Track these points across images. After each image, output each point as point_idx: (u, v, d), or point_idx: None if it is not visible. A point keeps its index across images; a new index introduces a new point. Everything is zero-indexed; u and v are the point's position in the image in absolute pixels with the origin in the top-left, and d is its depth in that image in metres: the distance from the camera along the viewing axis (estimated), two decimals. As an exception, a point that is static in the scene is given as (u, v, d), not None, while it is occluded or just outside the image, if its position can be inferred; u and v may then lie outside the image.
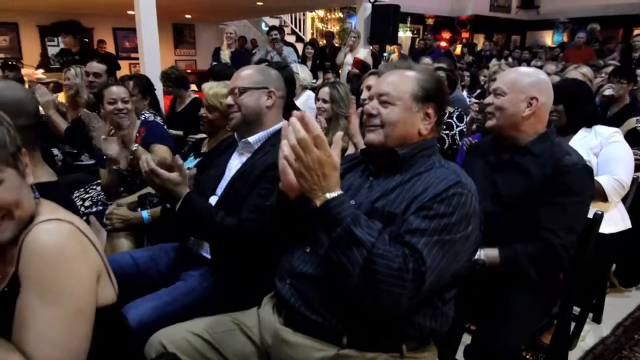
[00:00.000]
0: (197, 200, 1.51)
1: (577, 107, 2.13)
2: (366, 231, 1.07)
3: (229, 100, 1.71)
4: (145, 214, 2.08)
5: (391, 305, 1.06)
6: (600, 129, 2.16)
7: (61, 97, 4.04)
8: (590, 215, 1.73)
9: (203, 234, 1.59)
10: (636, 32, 11.76)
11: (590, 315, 2.43)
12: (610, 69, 4.52)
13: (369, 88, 2.27)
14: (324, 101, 2.54)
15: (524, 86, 1.65)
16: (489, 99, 1.69)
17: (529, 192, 1.60)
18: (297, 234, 1.31)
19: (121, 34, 9.94)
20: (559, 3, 13.04)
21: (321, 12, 10.92)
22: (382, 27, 6.80)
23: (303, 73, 3.90)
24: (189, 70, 8.26)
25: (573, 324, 2.07)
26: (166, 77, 4.14)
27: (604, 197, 2.07)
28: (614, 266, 2.81)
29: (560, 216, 1.54)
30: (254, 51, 8.52)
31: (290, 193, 1.19)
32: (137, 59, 9.89)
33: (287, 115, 1.60)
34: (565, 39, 12.73)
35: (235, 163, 1.74)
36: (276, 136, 1.70)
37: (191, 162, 2.36)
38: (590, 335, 2.36)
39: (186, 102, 4.13)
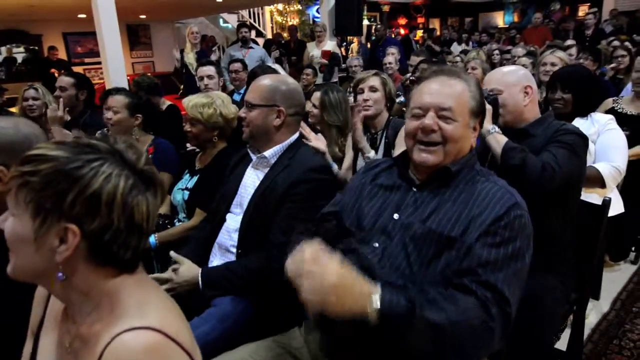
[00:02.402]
0: (213, 271, 1.56)
1: (585, 97, 2.18)
2: (435, 310, 0.98)
3: (241, 112, 1.69)
4: (152, 238, 2.00)
5: (484, 354, 1.05)
6: (596, 116, 2.23)
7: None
8: (599, 202, 1.81)
9: (238, 291, 1.55)
10: (581, 9, 12.28)
11: (589, 292, 2.54)
12: (574, 49, 4.72)
13: (372, 89, 2.19)
14: (314, 106, 2.44)
15: (516, 79, 1.78)
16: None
17: None
18: None
19: (72, 38, 9.49)
20: (508, -17, 13.41)
21: (280, 6, 10.78)
22: (347, 18, 6.79)
23: (282, 73, 3.83)
24: (148, 74, 7.98)
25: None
26: (138, 86, 3.98)
27: (602, 184, 2.15)
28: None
29: (554, 155, 1.59)
30: (213, 48, 8.33)
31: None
32: (91, 64, 9.55)
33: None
34: (515, 19, 13.12)
35: (251, 179, 1.69)
36: (293, 148, 1.67)
37: (188, 182, 2.26)
38: (592, 313, 2.46)
39: (161, 110, 4.01)
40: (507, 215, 1.10)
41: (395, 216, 1.22)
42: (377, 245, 1.21)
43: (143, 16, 9.31)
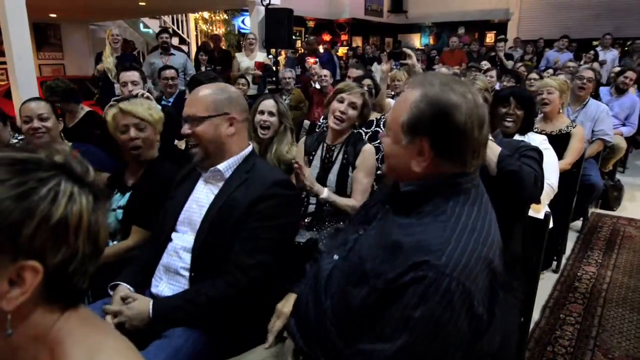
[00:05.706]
0: (167, 303, 1.40)
1: (531, 115, 2.29)
2: None
3: (186, 129, 1.49)
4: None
5: None
6: (533, 136, 2.35)
7: None
8: (541, 216, 1.90)
9: (202, 322, 1.38)
10: (489, 36, 13.40)
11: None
12: (494, 72, 5.06)
13: (353, 105, 2.09)
14: (271, 114, 2.35)
15: None
16: None
17: None
18: None
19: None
20: (424, 9, 14.25)
21: (205, 14, 10.47)
22: (277, 30, 6.74)
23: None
24: (60, 77, 7.32)
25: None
26: (51, 91, 3.58)
27: (538, 200, 2.27)
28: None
29: (533, 168, 1.64)
30: (134, 53, 7.88)
31: None
32: (-11, 64, 8.55)
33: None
34: (431, 42, 13.95)
35: (203, 193, 1.55)
36: (249, 160, 1.55)
37: (119, 200, 2.02)
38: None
39: (79, 117, 3.66)
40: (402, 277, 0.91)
41: (361, 231, 1.14)
42: (336, 257, 1.15)
43: (53, 15, 8.57)
